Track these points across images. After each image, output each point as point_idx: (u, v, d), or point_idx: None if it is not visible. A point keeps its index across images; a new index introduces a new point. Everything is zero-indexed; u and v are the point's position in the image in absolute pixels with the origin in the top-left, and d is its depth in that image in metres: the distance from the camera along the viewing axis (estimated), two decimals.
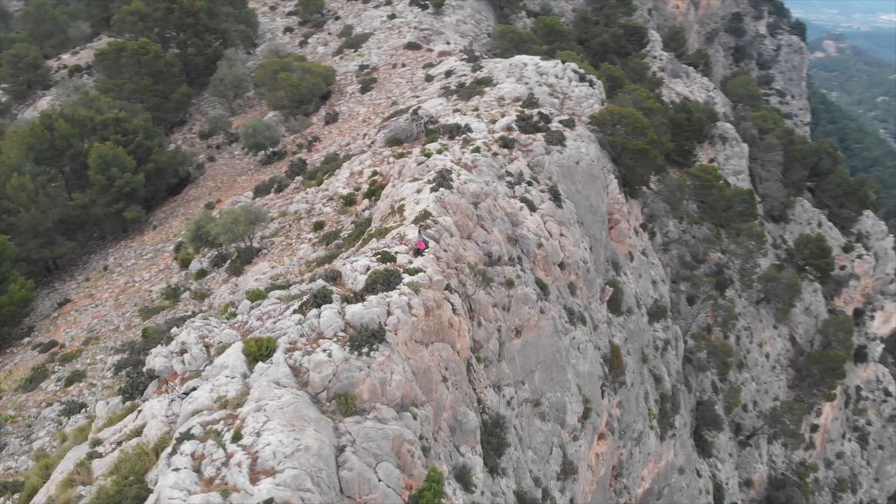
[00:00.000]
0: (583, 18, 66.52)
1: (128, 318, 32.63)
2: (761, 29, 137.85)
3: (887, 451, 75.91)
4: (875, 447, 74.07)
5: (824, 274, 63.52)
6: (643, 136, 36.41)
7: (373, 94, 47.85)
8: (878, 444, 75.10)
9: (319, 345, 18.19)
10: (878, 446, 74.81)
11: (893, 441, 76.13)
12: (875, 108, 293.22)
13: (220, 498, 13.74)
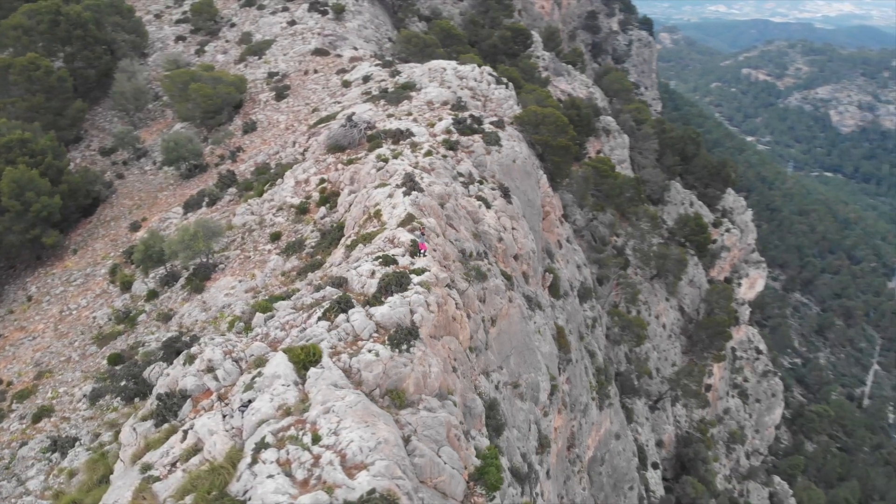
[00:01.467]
0: (471, 21, 69.38)
1: (78, 347, 31.22)
2: (614, 26, 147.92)
3: (764, 404, 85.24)
4: (753, 401, 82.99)
5: (702, 248, 70.49)
6: (565, 133, 39.39)
7: (289, 101, 47.83)
8: (756, 399, 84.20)
9: (360, 346, 19.16)
10: (755, 400, 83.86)
11: (768, 394, 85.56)
12: (710, 93, 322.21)
13: (326, 496, 14.56)
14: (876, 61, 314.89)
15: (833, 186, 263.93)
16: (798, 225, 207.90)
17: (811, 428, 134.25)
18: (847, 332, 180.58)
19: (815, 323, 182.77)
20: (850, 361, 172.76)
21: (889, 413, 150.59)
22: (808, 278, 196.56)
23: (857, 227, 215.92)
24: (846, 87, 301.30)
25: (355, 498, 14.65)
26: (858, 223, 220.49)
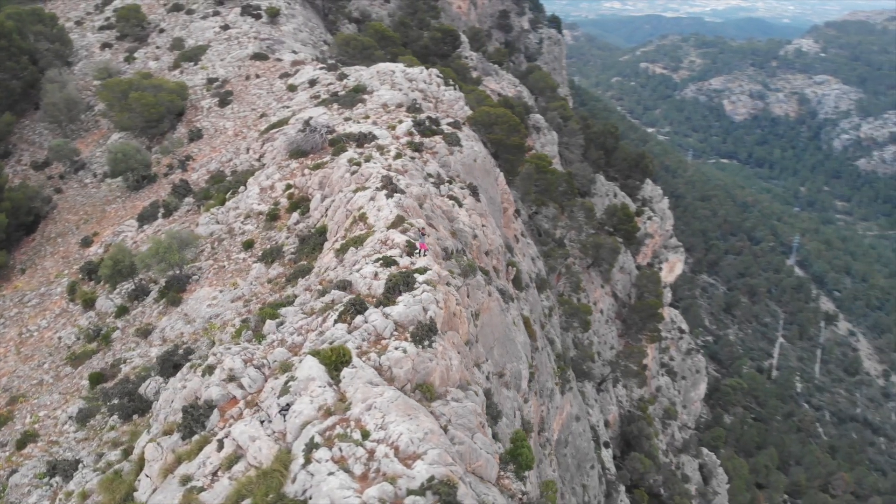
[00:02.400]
0: (401, 23, 70.11)
1: (50, 369, 30.20)
2: (525, 24, 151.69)
3: (689, 381, 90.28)
4: (680, 378, 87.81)
5: (630, 236, 74.14)
6: (517, 133, 40.99)
7: (234, 107, 47.26)
8: (682, 376, 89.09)
9: (385, 345, 19.86)
10: (682, 377, 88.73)
11: (693, 371, 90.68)
12: (611, 88, 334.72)
13: (390, 486, 15.30)
14: (764, 52, 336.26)
15: (730, 172, 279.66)
16: (701, 210, 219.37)
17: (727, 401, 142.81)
18: (752, 309, 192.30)
19: (723, 302, 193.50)
20: (757, 336, 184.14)
21: (797, 382, 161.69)
22: (714, 260, 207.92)
23: (755, 210, 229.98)
24: (738, 78, 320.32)
25: (416, 486, 15.42)
26: (755, 206, 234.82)
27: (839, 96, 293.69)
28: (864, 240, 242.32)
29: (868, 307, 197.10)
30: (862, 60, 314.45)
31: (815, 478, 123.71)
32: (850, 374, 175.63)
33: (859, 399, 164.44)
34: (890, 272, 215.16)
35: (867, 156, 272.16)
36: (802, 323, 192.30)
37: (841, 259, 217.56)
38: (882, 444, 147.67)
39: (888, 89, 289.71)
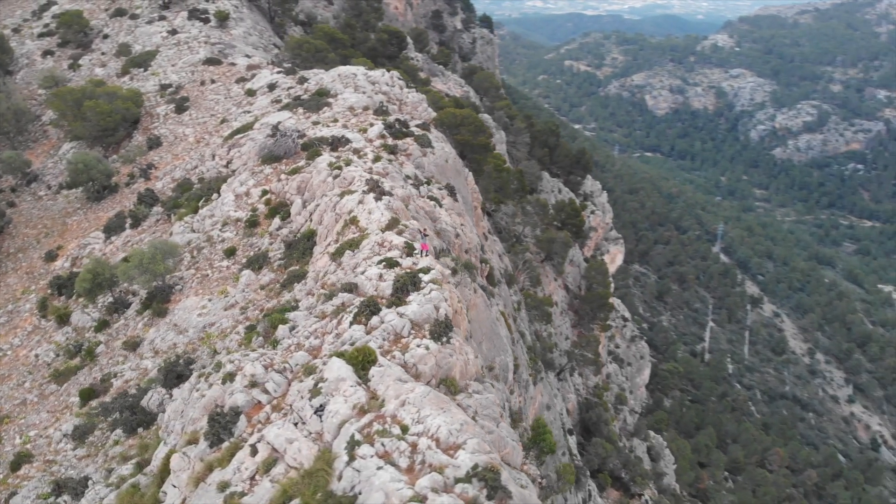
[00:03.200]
0: (347, 25, 70.08)
1: (32, 388, 29.40)
2: (458, 24, 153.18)
3: (634, 367, 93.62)
4: (626, 365, 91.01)
5: (579, 230, 76.43)
6: (483, 133, 42.04)
7: (192, 113, 46.54)
8: (627, 362, 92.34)
9: (405, 343, 20.49)
10: (627, 364, 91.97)
11: (637, 357, 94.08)
12: (538, 86, 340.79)
13: (439, 476, 16.01)
14: (682, 48, 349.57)
15: (654, 165, 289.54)
16: (630, 203, 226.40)
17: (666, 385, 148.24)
18: (683, 296, 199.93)
19: (655, 290, 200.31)
20: (688, 321, 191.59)
21: (728, 364, 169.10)
22: (644, 250, 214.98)
23: (680, 201, 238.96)
24: (658, 74, 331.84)
25: (462, 474, 16.18)
26: (680, 197, 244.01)
27: (754, 89, 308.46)
28: (782, 225, 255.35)
29: (790, 289, 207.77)
30: (774, 53, 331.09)
31: (752, 454, 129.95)
32: (777, 354, 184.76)
33: (787, 377, 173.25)
34: (809, 255, 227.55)
35: (783, 145, 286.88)
36: (730, 307, 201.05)
37: (763, 244, 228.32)
38: (811, 419, 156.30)
39: (800, 80, 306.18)
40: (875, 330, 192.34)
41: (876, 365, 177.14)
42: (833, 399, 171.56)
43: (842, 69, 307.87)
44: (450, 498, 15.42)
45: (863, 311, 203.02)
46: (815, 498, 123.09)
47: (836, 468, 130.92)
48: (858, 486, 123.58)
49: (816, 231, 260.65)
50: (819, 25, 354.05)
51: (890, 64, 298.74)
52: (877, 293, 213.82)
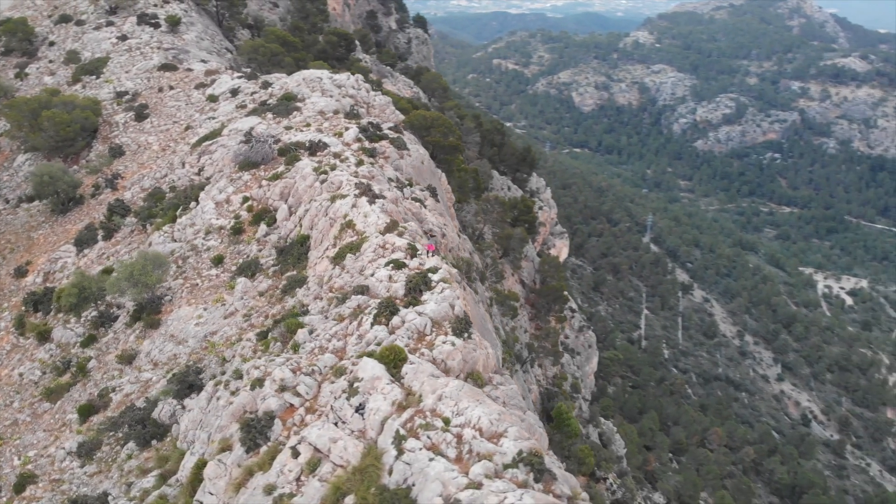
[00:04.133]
0: (295, 27, 69.58)
1: (23, 407, 28.64)
2: (392, 24, 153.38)
3: (583, 356, 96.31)
4: (576, 354, 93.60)
5: (532, 226, 78.29)
6: (453, 134, 42.96)
7: (153, 121, 45.65)
8: (577, 352, 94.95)
9: (430, 341, 21.24)
10: (576, 353, 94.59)
11: (586, 346, 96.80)
12: (468, 85, 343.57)
13: (490, 463, 16.92)
14: (605, 45, 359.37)
15: (583, 160, 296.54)
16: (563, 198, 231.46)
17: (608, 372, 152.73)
18: (618, 285, 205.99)
19: (592, 281, 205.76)
20: (624, 310, 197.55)
21: (664, 349, 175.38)
22: (580, 243, 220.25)
23: (610, 194, 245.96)
24: (583, 71, 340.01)
25: (510, 460, 17.14)
26: (610, 190, 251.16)
27: (675, 83, 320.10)
28: (707, 214, 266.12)
29: (718, 275, 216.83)
30: (693, 49, 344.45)
31: (693, 435, 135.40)
32: (708, 338, 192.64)
33: (719, 359, 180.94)
34: (733, 242, 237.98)
35: (704, 137, 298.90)
36: (662, 294, 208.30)
37: (689, 233, 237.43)
38: (744, 398, 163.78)
39: (718, 74, 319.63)
40: (799, 311, 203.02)
41: (801, 344, 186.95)
42: (763, 378, 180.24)
43: (757, 62, 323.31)
44: (503, 483, 16.36)
45: (786, 294, 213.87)
46: (754, 473, 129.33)
47: (771, 444, 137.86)
48: (794, 461, 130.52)
49: (739, 218, 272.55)
50: (734, 20, 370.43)
51: (802, 56, 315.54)
52: (798, 275, 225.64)
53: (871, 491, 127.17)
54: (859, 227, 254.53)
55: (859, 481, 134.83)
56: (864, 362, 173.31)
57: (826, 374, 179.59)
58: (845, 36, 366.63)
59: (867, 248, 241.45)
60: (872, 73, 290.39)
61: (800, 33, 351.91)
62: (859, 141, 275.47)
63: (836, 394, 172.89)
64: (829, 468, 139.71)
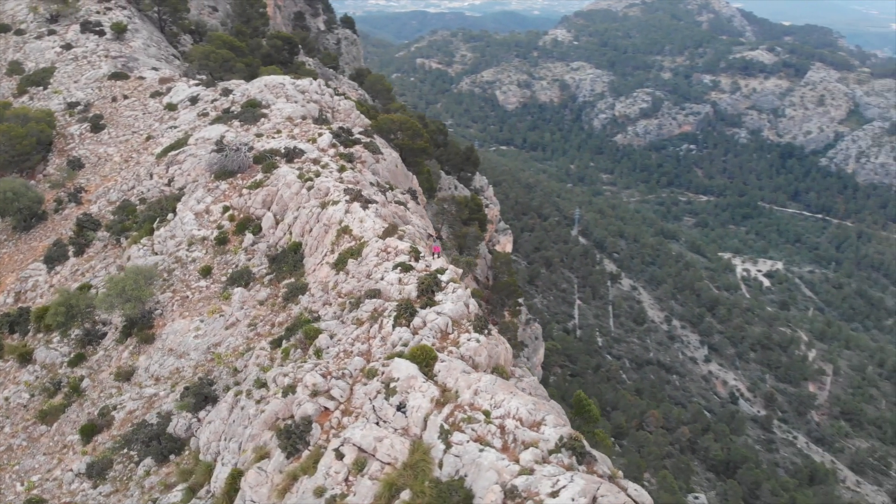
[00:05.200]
0: (238, 31, 68.54)
1: (16, 432, 27.83)
2: (321, 25, 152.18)
3: (531, 348, 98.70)
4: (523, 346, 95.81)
5: (483, 224, 79.81)
6: (421, 137, 43.80)
7: (111, 132, 44.50)
8: (525, 344, 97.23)
9: (452, 339, 22.13)
10: (524, 345, 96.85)
11: (533, 338, 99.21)
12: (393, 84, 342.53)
13: (536, 449, 18.00)
14: (525, 43, 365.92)
15: (510, 158, 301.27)
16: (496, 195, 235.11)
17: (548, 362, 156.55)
18: (551, 278, 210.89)
19: (526, 274, 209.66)
20: (558, 301, 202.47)
21: (598, 337, 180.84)
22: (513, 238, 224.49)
23: (538, 190, 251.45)
24: (506, 69, 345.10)
25: (553, 446, 18.29)
26: (537, 186, 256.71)
27: (594, 80, 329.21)
28: (629, 206, 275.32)
29: (643, 263, 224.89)
30: (609, 46, 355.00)
31: (632, 418, 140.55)
32: (638, 324, 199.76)
33: (650, 344, 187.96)
34: (655, 231, 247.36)
35: (623, 132, 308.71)
36: (593, 284, 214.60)
37: (614, 225, 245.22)
38: (675, 380, 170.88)
39: (634, 70, 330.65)
40: (721, 294, 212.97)
41: (725, 326, 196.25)
42: (692, 360, 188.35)
43: (670, 58, 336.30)
44: (552, 467, 17.50)
45: (708, 278, 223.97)
46: (691, 452, 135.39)
47: (704, 423, 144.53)
48: (726, 437, 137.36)
49: (659, 208, 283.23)
50: (647, 17, 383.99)
51: (712, 50, 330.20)
52: (718, 261, 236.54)
53: (799, 462, 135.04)
54: (772, 212, 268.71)
55: (788, 454, 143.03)
56: (784, 340, 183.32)
57: (750, 354, 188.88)
58: (752, 29, 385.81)
59: (780, 232, 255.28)
60: (779, 64, 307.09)
61: (709, 28, 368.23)
62: (769, 130, 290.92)
63: (760, 371, 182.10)
64: (759, 443, 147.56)
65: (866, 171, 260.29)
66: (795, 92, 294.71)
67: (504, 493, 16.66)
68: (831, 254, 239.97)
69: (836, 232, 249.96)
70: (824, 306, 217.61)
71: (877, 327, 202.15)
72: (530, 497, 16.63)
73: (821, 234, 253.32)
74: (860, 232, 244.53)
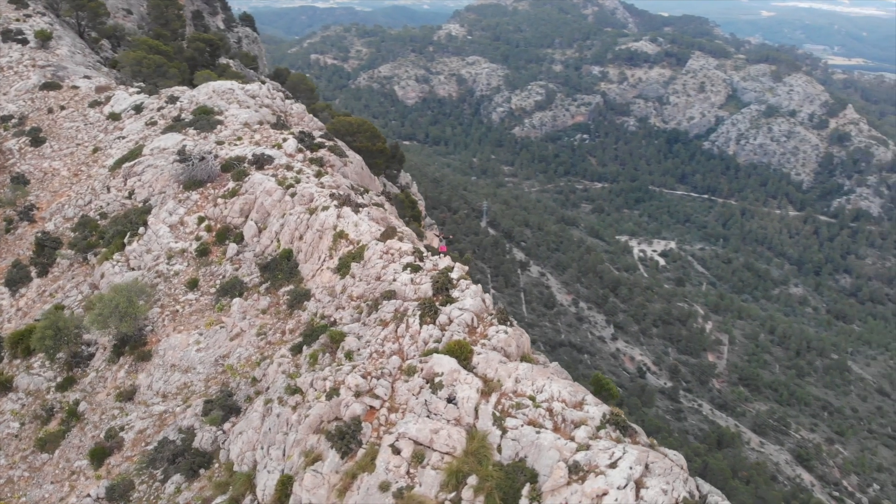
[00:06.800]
0: (158, 35, 66.13)
1: (14, 463, 26.76)
2: (220, 24, 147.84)
3: None
4: None
5: (417, 220, 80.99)
6: (379, 139, 44.51)
7: (53, 145, 42.51)
8: None
9: (480, 332, 23.43)
10: None
11: None
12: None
13: (587, 427, 19.63)
14: (421, 38, 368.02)
15: (414, 153, 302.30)
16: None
17: None
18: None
19: None
20: None
21: None
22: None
23: (445, 184, 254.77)
24: (403, 64, 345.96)
25: (598, 422, 20.02)
26: (444, 180, 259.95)
27: (489, 74, 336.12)
28: (531, 196, 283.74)
29: (549, 250, 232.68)
30: (502, 40, 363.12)
31: None
32: (549, 308, 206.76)
33: (561, 327, 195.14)
34: (557, 219, 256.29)
35: (520, 124, 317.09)
36: (505, 273, 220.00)
37: (519, 215, 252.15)
38: (587, 360, 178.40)
39: (527, 63, 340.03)
40: (621, 275, 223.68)
41: (627, 304, 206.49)
42: (601, 339, 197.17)
43: (560, 50, 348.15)
44: (605, 441, 19.23)
45: (608, 261, 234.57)
46: None
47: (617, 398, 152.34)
48: (639, 410, 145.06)
49: (558, 197, 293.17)
50: (536, 11, 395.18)
51: (599, 42, 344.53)
52: (616, 244, 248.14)
53: (707, 428, 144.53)
54: (662, 195, 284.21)
55: (695, 421, 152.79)
56: (682, 315, 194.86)
57: (652, 329, 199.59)
58: (634, 21, 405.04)
59: (671, 214, 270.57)
60: (662, 54, 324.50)
61: (594, 21, 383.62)
62: (655, 117, 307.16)
63: (663, 345, 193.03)
64: (669, 413, 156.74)
65: (746, 152, 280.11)
66: (678, 80, 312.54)
67: (568, 469, 18.18)
68: (719, 231, 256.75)
69: (721, 210, 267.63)
70: (716, 281, 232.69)
71: (765, 297, 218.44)
72: (591, 470, 18.26)
73: (708, 214, 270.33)
74: (743, 209, 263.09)
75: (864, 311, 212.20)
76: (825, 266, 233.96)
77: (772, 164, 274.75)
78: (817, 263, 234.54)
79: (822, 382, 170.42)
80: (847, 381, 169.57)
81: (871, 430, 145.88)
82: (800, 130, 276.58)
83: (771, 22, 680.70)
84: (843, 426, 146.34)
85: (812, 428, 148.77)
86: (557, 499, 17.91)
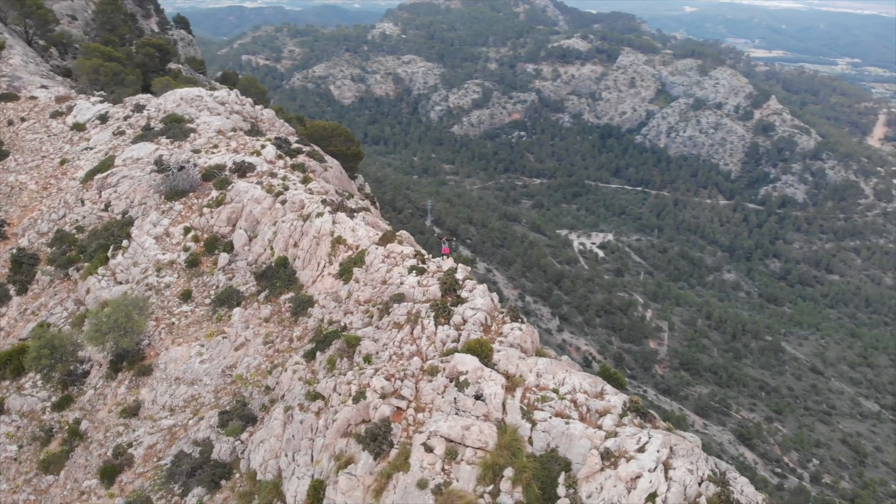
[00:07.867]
0: (107, 41, 64.14)
1: (18, 487, 26.13)
2: (154, 27, 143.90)
3: None
4: None
5: None
6: (353, 143, 44.76)
7: (17, 158, 41.08)
8: None
9: (495, 330, 24.27)
10: None
11: None
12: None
13: (612, 415, 20.72)
14: (354, 37, 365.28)
15: None
16: None
17: None
18: None
19: None
20: None
21: None
22: None
23: (388, 183, 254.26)
24: (338, 64, 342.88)
25: (620, 410, 21.18)
26: (386, 180, 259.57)
27: (426, 73, 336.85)
28: (472, 193, 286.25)
29: (493, 246, 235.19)
30: (437, 38, 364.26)
31: None
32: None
33: None
34: (499, 216, 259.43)
35: (458, 122, 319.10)
36: None
37: (463, 212, 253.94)
38: None
39: (463, 62, 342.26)
40: (563, 268, 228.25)
41: (571, 296, 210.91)
42: (548, 332, 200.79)
43: (495, 49, 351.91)
44: (630, 428, 20.39)
45: (551, 255, 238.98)
46: None
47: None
48: None
49: (499, 193, 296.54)
50: (468, 10, 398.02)
51: (532, 40, 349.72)
52: (557, 238, 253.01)
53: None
54: (598, 188, 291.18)
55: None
56: (623, 304, 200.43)
57: (595, 319, 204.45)
58: (564, 18, 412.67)
59: (607, 206, 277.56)
60: (593, 51, 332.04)
61: (526, 19, 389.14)
62: (588, 113, 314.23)
63: (607, 335, 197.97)
64: None
65: (676, 145, 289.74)
66: (609, 76, 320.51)
67: (601, 456, 19.23)
68: (653, 222, 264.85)
69: (655, 202, 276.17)
70: (653, 270, 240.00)
71: (700, 284, 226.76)
72: (622, 455, 19.38)
73: (642, 205, 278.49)
74: (676, 200, 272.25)
75: (793, 293, 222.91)
76: (755, 252, 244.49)
77: (701, 155, 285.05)
78: (748, 249, 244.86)
79: (758, 363, 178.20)
80: (782, 362, 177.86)
81: (808, 408, 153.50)
82: (726, 122, 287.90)
83: (694, 17, 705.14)
84: (781, 405, 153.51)
85: (751, 408, 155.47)
86: (593, 485, 18.94)
